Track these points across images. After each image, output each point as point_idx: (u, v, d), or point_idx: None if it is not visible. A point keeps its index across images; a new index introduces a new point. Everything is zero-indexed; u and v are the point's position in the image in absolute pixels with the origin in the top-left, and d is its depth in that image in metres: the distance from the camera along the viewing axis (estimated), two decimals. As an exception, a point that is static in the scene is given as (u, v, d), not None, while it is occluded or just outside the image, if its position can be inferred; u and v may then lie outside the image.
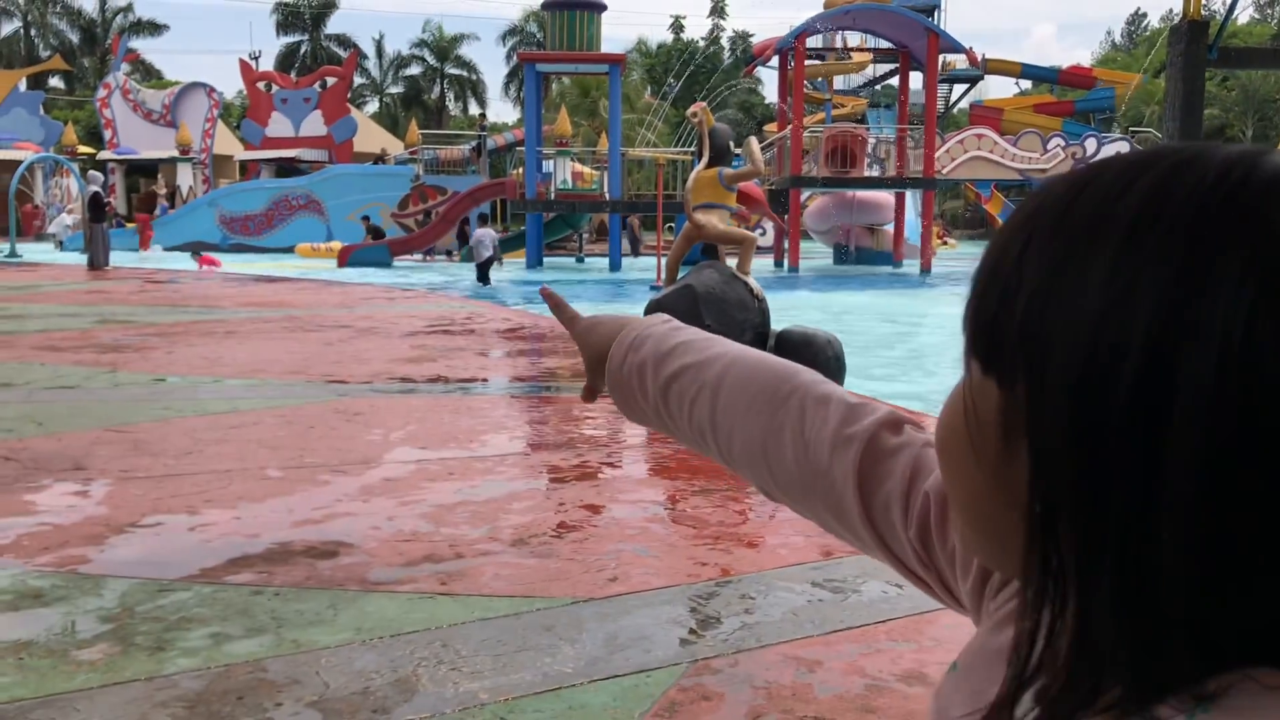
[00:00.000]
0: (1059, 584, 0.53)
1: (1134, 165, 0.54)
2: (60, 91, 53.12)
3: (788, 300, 17.00)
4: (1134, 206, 0.52)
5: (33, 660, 3.45)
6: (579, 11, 26.89)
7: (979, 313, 0.57)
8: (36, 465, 5.93)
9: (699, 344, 1.01)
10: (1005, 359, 0.55)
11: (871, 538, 0.84)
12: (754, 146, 9.47)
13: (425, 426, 7.15)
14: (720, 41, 60.04)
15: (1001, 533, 0.58)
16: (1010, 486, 0.56)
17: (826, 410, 0.88)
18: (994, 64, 40.18)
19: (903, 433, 0.86)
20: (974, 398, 0.58)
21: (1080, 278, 0.52)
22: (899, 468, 0.83)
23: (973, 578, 0.76)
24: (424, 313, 14.94)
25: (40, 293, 17.36)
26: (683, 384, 0.98)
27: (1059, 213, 0.55)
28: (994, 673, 0.66)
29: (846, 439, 0.85)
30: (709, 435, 0.97)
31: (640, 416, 1.06)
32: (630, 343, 1.04)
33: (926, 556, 0.81)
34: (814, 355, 8.58)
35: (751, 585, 4.22)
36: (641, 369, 1.02)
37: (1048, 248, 0.54)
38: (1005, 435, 0.56)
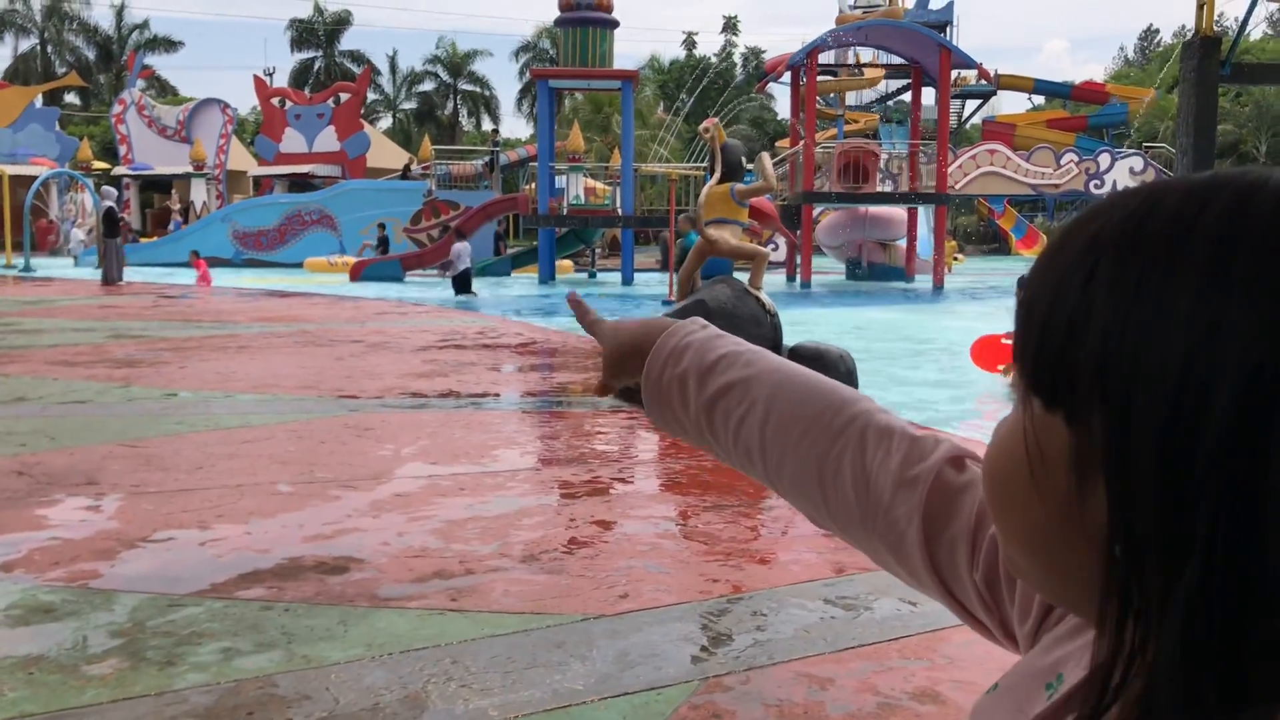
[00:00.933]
0: (1140, 618, 0.52)
1: (1200, 190, 0.53)
2: (76, 108, 53.49)
3: (800, 315, 16.98)
4: (1210, 234, 0.51)
5: (42, 675, 3.45)
6: (591, 28, 26.99)
7: (1042, 346, 0.55)
8: (49, 480, 5.94)
9: (745, 357, 0.96)
10: (1077, 394, 0.53)
11: (933, 580, 0.81)
12: (766, 162, 9.47)
13: (436, 442, 7.15)
14: (733, 58, 60.20)
15: (1068, 568, 0.57)
16: (1082, 524, 0.54)
17: (890, 444, 0.85)
18: (1007, 79, 40.17)
19: (966, 469, 0.83)
20: (1037, 435, 0.56)
21: (1161, 310, 0.50)
22: (965, 508, 0.80)
23: (1032, 620, 0.75)
24: (436, 327, 14.96)
25: (54, 307, 17.44)
26: (729, 402, 0.94)
27: (1126, 239, 0.53)
28: (1033, 692, 0.66)
29: (912, 479, 0.82)
30: (757, 458, 0.93)
31: (678, 430, 1.01)
32: (670, 352, 0.99)
33: (992, 600, 0.79)
34: (825, 370, 8.52)
35: (763, 602, 4.20)
36: (683, 382, 0.97)
37: (1120, 277, 0.52)
38: (1077, 473, 0.54)
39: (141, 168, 40.55)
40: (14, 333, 13.50)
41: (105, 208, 23.42)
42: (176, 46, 59.32)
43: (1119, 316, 0.51)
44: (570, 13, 27.01)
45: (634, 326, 1.04)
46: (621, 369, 1.04)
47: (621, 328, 1.06)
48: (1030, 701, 0.66)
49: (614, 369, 1.05)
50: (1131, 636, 0.52)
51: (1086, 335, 0.52)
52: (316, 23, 60.98)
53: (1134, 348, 0.51)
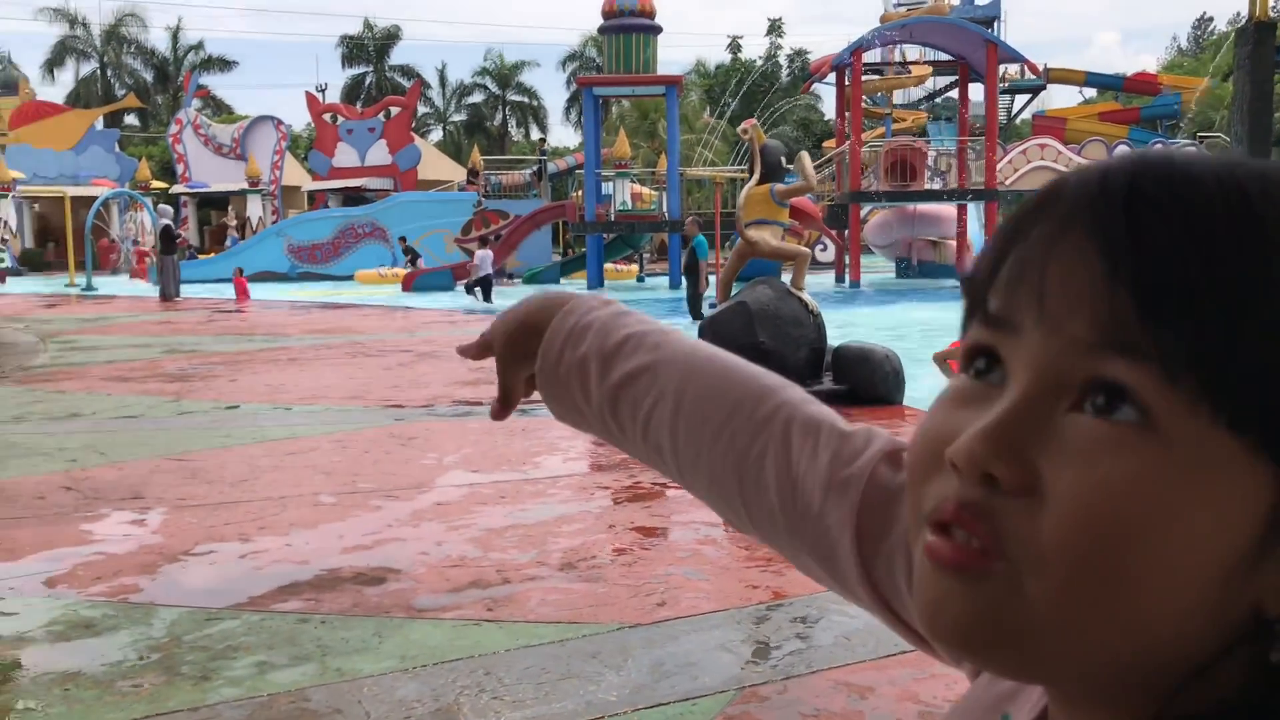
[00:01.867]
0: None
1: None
2: (135, 129, 54.50)
3: (847, 315, 16.81)
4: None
5: (79, 691, 3.46)
6: (635, 34, 26.97)
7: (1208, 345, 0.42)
8: (96, 494, 6.00)
9: (653, 338, 0.83)
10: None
11: (869, 594, 0.71)
12: (806, 162, 9.38)
13: (479, 450, 7.14)
14: (778, 59, 59.94)
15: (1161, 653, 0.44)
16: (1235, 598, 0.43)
17: (817, 440, 0.74)
18: (1057, 73, 39.59)
19: (902, 466, 0.70)
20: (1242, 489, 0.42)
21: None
22: (903, 514, 0.68)
23: None
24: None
25: (112, 324, 17.74)
26: (635, 391, 0.81)
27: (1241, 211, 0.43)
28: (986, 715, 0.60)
29: (843, 481, 0.71)
30: (669, 456, 0.81)
31: (580, 422, 0.88)
32: (568, 333, 0.85)
33: None
34: (871, 371, 8.44)
35: (804, 608, 4.12)
36: (583, 368, 0.84)
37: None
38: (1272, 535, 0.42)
39: (198, 185, 41.19)
40: (73, 350, 13.73)
41: (162, 225, 23.81)
42: (231, 66, 60.24)
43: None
44: (614, 20, 27.02)
45: (528, 303, 0.90)
46: (516, 355, 0.88)
47: (512, 308, 0.91)
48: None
49: (508, 357, 0.89)
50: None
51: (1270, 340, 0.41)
52: (367, 39, 61.64)
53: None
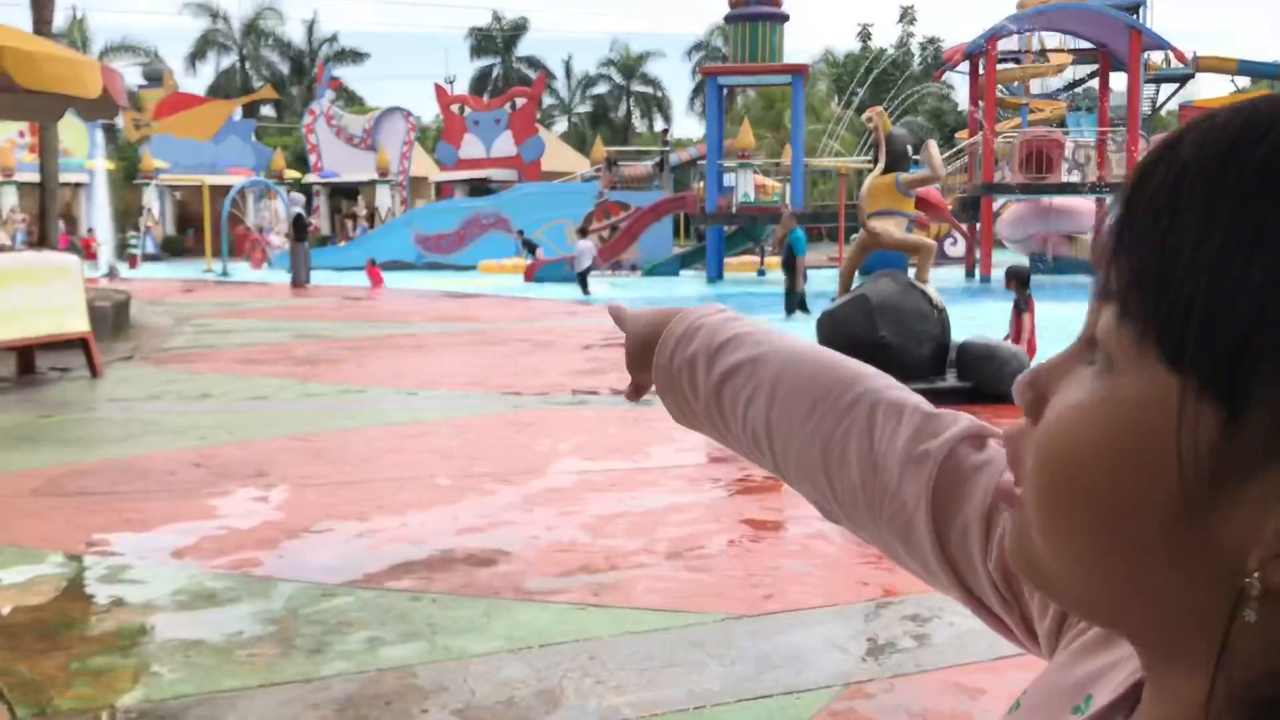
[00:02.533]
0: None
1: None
2: (270, 119, 56.25)
3: (975, 311, 16.40)
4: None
5: (199, 658, 3.57)
6: (761, 23, 26.74)
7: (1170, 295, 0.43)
8: (223, 472, 6.21)
9: (755, 336, 0.88)
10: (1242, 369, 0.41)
11: (944, 570, 0.71)
12: (933, 150, 9.14)
13: (593, 438, 7.17)
14: (909, 48, 58.82)
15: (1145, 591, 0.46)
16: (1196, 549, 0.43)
17: (899, 420, 0.76)
18: (1206, 61, 37.91)
19: (986, 448, 0.73)
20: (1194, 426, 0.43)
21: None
22: (979, 490, 0.70)
23: (1050, 618, 0.65)
24: (602, 327, 15.08)
25: (245, 309, 18.36)
26: (736, 383, 0.86)
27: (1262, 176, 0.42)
28: (1058, 714, 0.57)
29: (920, 455, 0.72)
30: (764, 442, 0.84)
31: (693, 420, 0.94)
32: (681, 334, 0.91)
33: (1009, 592, 0.68)
34: (997, 369, 8.21)
35: (916, 606, 4.02)
36: (693, 364, 0.89)
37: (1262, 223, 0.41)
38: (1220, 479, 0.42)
39: (330, 175, 42.35)
40: (207, 333, 14.26)
41: (294, 213, 24.55)
42: (363, 58, 61.69)
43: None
44: (740, 9, 26.83)
45: (652, 314, 0.98)
46: (643, 360, 0.97)
47: (640, 316, 0.99)
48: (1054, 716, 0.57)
49: (636, 361, 0.98)
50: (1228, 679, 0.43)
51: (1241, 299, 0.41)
52: (494, 30, 62.50)
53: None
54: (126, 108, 16.72)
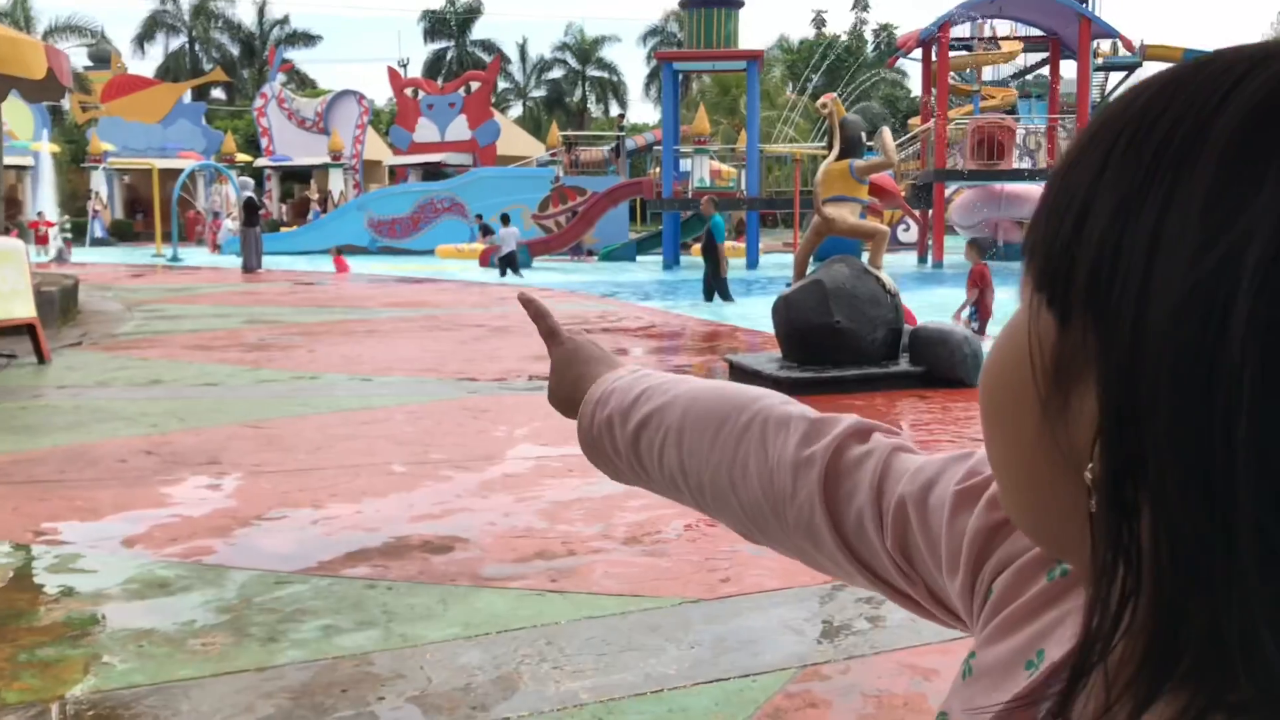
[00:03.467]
0: (1131, 569, 0.44)
1: (1246, 58, 0.45)
2: (221, 102, 55.45)
3: (928, 297, 16.57)
4: (1246, 108, 0.43)
5: (151, 648, 3.54)
6: (717, 9, 26.71)
7: (1046, 234, 0.48)
8: (175, 459, 6.13)
9: (663, 387, 0.94)
10: (1075, 291, 0.46)
11: (849, 561, 0.76)
12: (887, 137, 9.20)
13: (550, 424, 7.14)
14: (863, 34, 59.09)
15: (1046, 502, 0.50)
16: (1062, 449, 0.48)
17: (788, 430, 0.82)
18: (1154, 49, 38.35)
19: (870, 440, 0.78)
20: (1040, 336, 0.48)
21: (1175, 193, 0.43)
22: (865, 478, 0.75)
23: (961, 577, 0.67)
24: (559, 312, 14.98)
25: (196, 295, 18.12)
26: (649, 433, 0.92)
27: (1151, 113, 0.46)
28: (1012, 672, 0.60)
29: (808, 459, 0.78)
30: (680, 482, 0.90)
31: (620, 475, 0.99)
32: (597, 399, 0.98)
33: (909, 567, 0.72)
34: (949, 353, 8.29)
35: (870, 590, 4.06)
36: (610, 424, 0.96)
37: (1135, 155, 0.45)
38: (1062, 385, 0.47)
39: (282, 159, 41.84)
40: (158, 319, 14.06)
41: (245, 198, 24.26)
42: (315, 41, 60.92)
43: (1125, 209, 0.45)
44: (696, -7, 26.83)
45: (576, 372, 1.04)
46: (566, 408, 1.06)
47: (571, 366, 1.05)
48: (1010, 682, 0.59)
49: (560, 405, 1.07)
50: (1124, 580, 0.44)
51: (1091, 221, 0.46)
52: (449, 13, 62.00)
53: (1139, 235, 0.44)
54: (72, 89, 16.42)
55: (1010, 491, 0.54)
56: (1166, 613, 0.43)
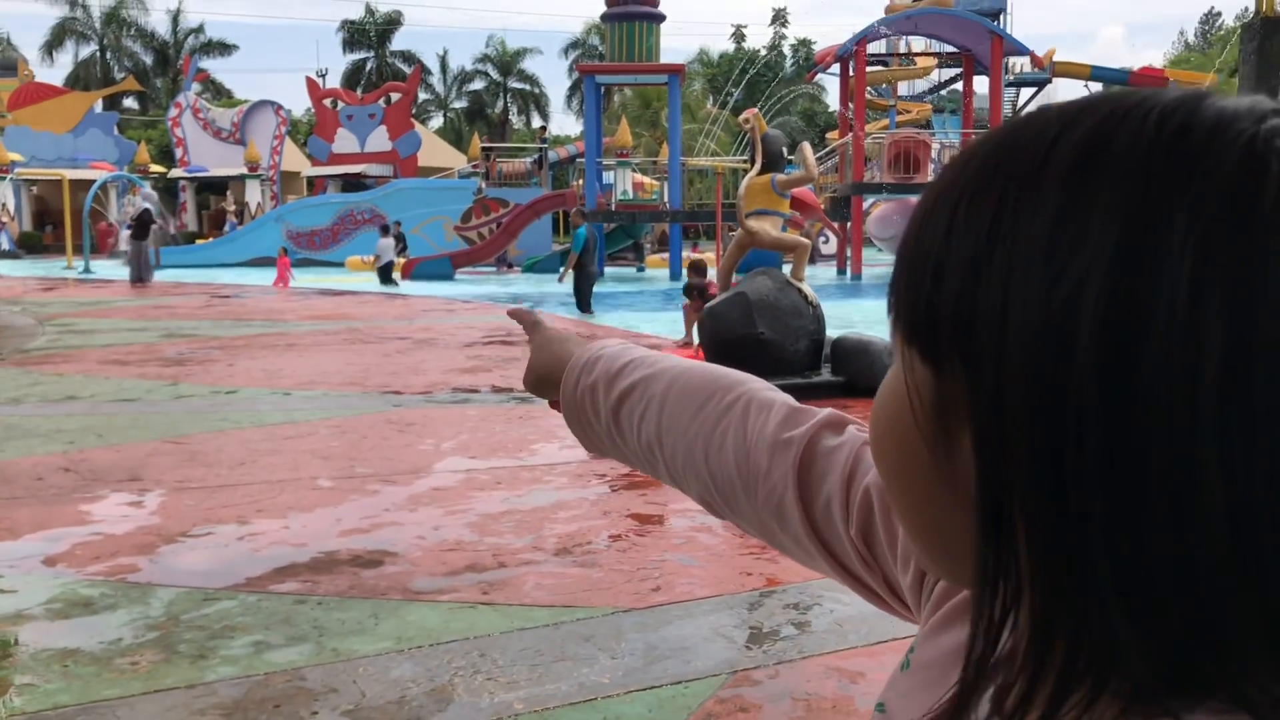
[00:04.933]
0: (1011, 584, 0.48)
1: (1063, 116, 0.49)
2: (134, 112, 54.33)
3: (848, 308, 16.82)
4: (1069, 160, 0.47)
5: (77, 667, 3.49)
6: (638, 23, 26.90)
7: (908, 292, 0.52)
8: (94, 476, 6.02)
9: (650, 359, 0.99)
10: (942, 342, 0.49)
11: (813, 543, 0.80)
12: (807, 152, 9.37)
13: (477, 436, 7.16)
14: (782, 49, 59.81)
15: (945, 535, 0.54)
16: (952, 483, 0.51)
17: (769, 413, 0.86)
18: (1062, 66, 39.46)
19: (844, 432, 0.82)
20: (917, 386, 0.52)
21: (1018, 245, 0.46)
22: (837, 466, 0.79)
23: (912, 572, 0.72)
24: (483, 324, 15.02)
25: (110, 308, 17.73)
26: (632, 402, 0.97)
27: (985, 173, 0.49)
28: (950, 670, 0.62)
29: (785, 441, 0.83)
30: (655, 450, 0.94)
31: (596, 442, 1.04)
32: (583, 365, 1.03)
33: (869, 555, 0.77)
34: (870, 363, 8.46)
35: (798, 595, 4.15)
36: (594, 390, 1.00)
37: (977, 213, 0.48)
38: (944, 427, 0.51)
39: (197, 170, 41.12)
40: (70, 333, 13.74)
41: (140, 209, 23.90)
42: (230, 50, 60.07)
43: (977, 255, 0.48)
44: (617, 7, 26.95)
45: (561, 348, 1.09)
46: (542, 387, 1.10)
47: (549, 345, 1.10)
48: (948, 680, 0.62)
49: (536, 385, 1.11)
50: (1004, 594, 0.48)
51: (948, 278, 0.49)
52: (368, 24, 61.49)
53: (993, 286, 0.47)
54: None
55: (909, 526, 0.57)
56: (1040, 624, 0.47)
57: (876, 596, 0.79)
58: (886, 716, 0.67)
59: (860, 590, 0.81)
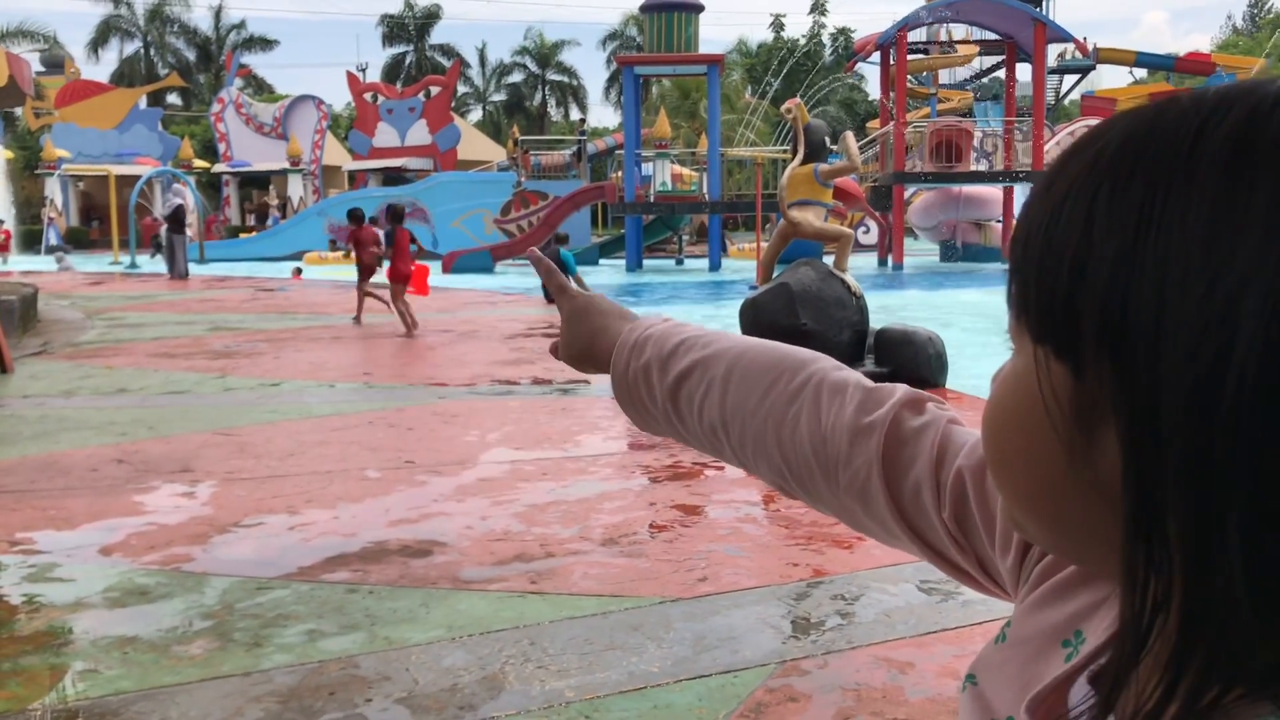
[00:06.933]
0: (1163, 581, 0.48)
1: (1199, 107, 0.48)
2: (177, 108, 54.94)
3: (890, 298, 16.75)
4: (1223, 154, 0.46)
5: (136, 654, 3.55)
6: (676, 13, 26.85)
7: (1041, 289, 0.51)
8: (147, 467, 6.12)
9: (704, 339, 0.96)
10: (1084, 340, 0.49)
11: (901, 527, 0.79)
12: (850, 141, 9.33)
13: (521, 428, 7.20)
14: (821, 38, 59.45)
15: (1079, 524, 0.54)
16: (1088, 477, 0.51)
17: (844, 397, 0.84)
18: (1106, 53, 38.93)
19: (925, 411, 0.81)
20: (1052, 384, 0.52)
21: (1172, 242, 0.46)
22: (924, 449, 0.78)
23: (1013, 553, 0.71)
24: (524, 316, 15.09)
25: (157, 302, 17.98)
26: (690, 384, 0.94)
27: (1123, 166, 0.49)
28: (1048, 648, 0.63)
29: (867, 426, 0.81)
30: (720, 433, 0.92)
31: (651, 423, 1.02)
32: (632, 345, 1.00)
33: (964, 538, 0.76)
34: (914, 353, 8.42)
35: (844, 586, 4.15)
36: (647, 372, 0.98)
37: (1121, 207, 0.48)
38: (1084, 424, 0.51)
39: (240, 165, 41.56)
40: (119, 327, 13.95)
41: (173, 205, 24.13)
42: (272, 45, 60.58)
43: (1125, 251, 0.47)
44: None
45: (598, 322, 1.06)
46: (581, 363, 1.08)
47: (585, 319, 1.07)
48: (1045, 657, 0.63)
49: (573, 360, 1.09)
50: (1154, 591, 0.48)
51: (1091, 274, 0.48)
52: (407, 18, 61.80)
53: (1144, 283, 0.47)
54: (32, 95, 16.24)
55: (1032, 520, 0.57)
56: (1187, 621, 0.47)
57: (968, 576, 0.79)
58: (978, 688, 0.67)
59: (949, 569, 0.80)
